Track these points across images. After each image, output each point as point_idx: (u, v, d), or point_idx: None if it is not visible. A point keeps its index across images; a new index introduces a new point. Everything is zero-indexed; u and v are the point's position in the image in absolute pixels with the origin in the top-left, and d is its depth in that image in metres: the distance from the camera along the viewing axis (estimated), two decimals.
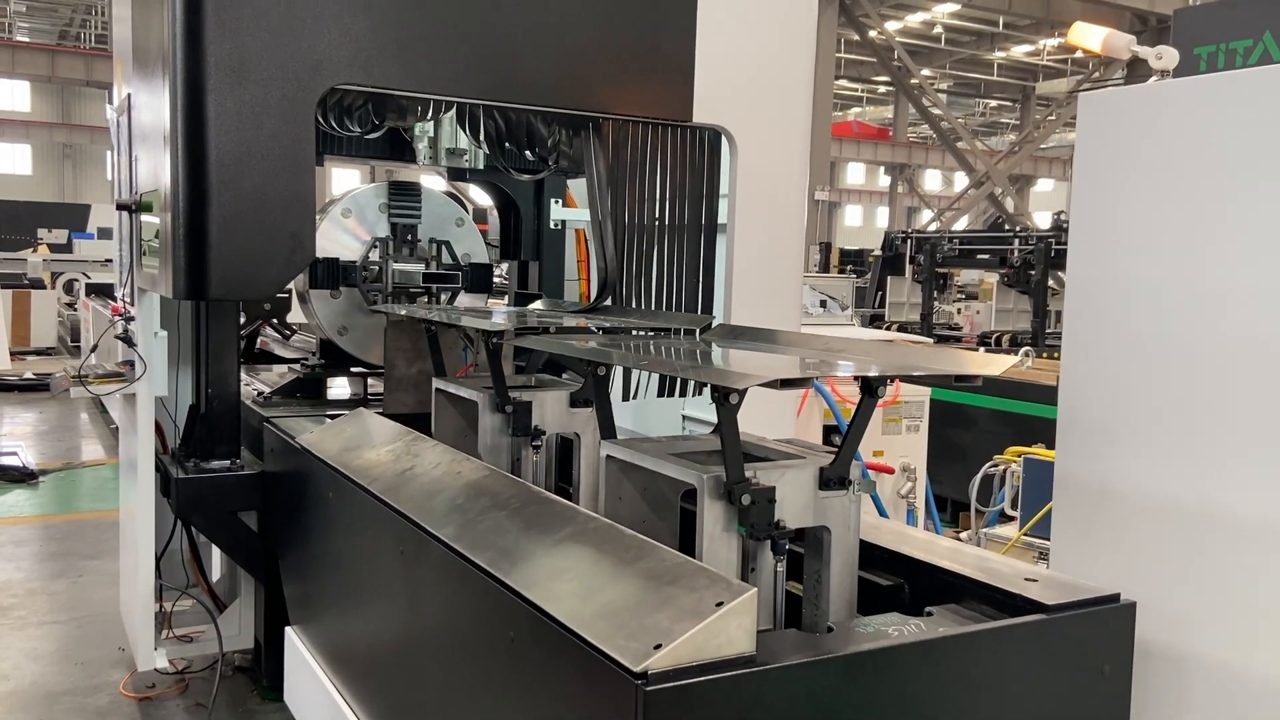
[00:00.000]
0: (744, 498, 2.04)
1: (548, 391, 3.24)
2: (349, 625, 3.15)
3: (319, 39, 3.14)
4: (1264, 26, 5.10)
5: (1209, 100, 2.39)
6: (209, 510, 3.86)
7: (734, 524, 2.07)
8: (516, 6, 3.39)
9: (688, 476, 2.12)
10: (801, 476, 2.14)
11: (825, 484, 2.16)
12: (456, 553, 2.28)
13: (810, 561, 2.21)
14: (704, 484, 2.05)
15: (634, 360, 2.65)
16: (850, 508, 2.20)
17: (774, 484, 2.08)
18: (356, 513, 2.96)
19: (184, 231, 3.06)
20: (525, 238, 4.80)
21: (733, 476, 2.05)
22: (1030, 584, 2.14)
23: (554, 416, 3.20)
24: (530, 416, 3.16)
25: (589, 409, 3.14)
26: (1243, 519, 2.31)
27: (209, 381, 3.84)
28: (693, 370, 2.41)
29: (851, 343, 2.70)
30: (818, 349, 2.73)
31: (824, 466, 2.17)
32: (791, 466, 2.15)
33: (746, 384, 2.05)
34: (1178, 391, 2.43)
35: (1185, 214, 2.42)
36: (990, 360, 2.39)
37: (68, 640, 5.02)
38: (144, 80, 3.60)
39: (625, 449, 2.36)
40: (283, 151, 3.11)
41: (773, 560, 2.14)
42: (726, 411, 2.09)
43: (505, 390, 3.17)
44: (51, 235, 24.47)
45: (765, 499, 2.06)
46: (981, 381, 2.20)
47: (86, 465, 9.04)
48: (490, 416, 3.18)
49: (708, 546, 2.06)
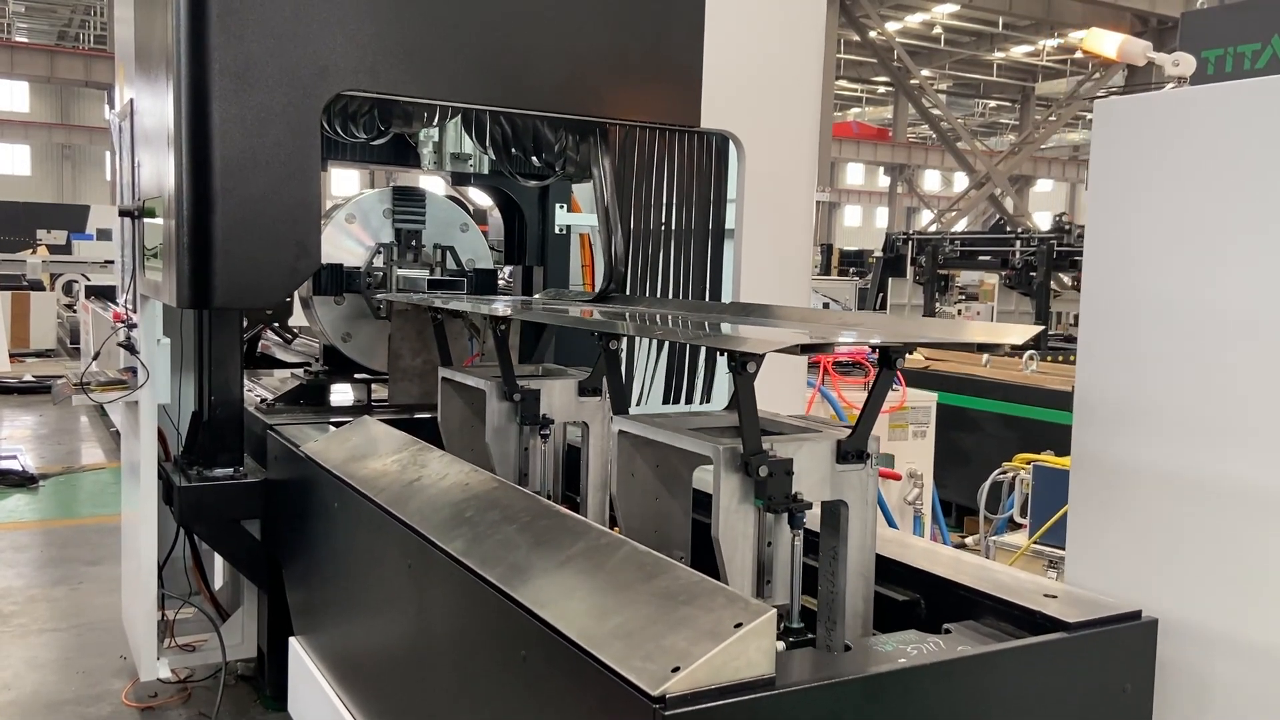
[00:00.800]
0: (761, 469, 1.99)
1: (555, 380, 3.19)
2: (354, 638, 3.12)
3: (325, 44, 3.11)
4: (1273, 30, 5.07)
5: (1231, 108, 2.36)
6: (212, 519, 3.83)
7: (750, 496, 2.02)
8: (523, 12, 3.35)
9: (703, 449, 2.08)
10: (819, 449, 2.10)
11: (843, 457, 2.12)
12: (466, 568, 2.25)
13: (827, 539, 2.16)
14: (720, 455, 2.01)
15: (644, 330, 2.60)
16: (869, 481, 2.16)
17: (791, 456, 2.03)
18: (362, 524, 2.93)
19: (188, 239, 3.03)
20: (530, 243, 4.77)
21: (750, 448, 2.00)
22: (1050, 600, 2.12)
23: (562, 405, 3.16)
24: (538, 405, 3.11)
25: (597, 398, 3.11)
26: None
27: (212, 388, 3.81)
28: (707, 338, 2.37)
29: (867, 317, 2.67)
30: (833, 323, 2.70)
31: (841, 440, 2.13)
32: (809, 439, 2.11)
33: (765, 349, 2.01)
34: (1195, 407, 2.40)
35: (1205, 224, 2.38)
36: (1009, 330, 2.33)
37: (69, 648, 4.99)
38: (147, 85, 3.57)
39: (638, 424, 2.31)
40: (288, 158, 3.08)
41: (790, 534, 2.10)
42: (744, 380, 2.04)
43: (513, 378, 3.13)
44: (50, 236, 24.43)
45: (783, 470, 2.01)
46: (1008, 349, 2.13)
47: (87, 469, 9.00)
48: (498, 405, 3.13)
49: (724, 520, 2.01)
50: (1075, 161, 45.29)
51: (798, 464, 2.03)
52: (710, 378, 3.79)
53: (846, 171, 47.77)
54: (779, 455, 2.02)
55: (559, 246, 4.86)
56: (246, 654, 4.32)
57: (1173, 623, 2.20)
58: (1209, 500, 2.37)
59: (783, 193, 3.91)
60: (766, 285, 3.89)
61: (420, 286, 4.32)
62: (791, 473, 2.02)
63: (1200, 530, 2.39)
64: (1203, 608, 2.36)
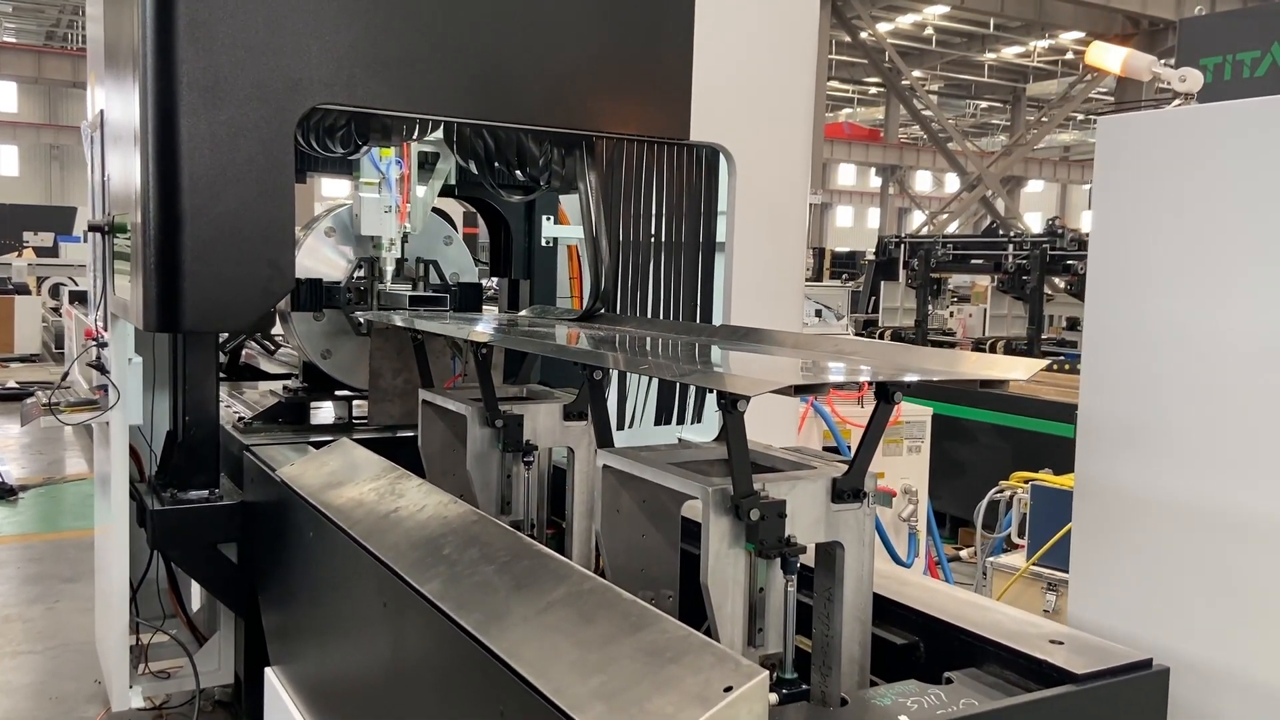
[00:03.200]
0: (752, 513, 1.89)
1: (539, 404, 3.08)
2: (330, 673, 3.00)
3: (299, 57, 2.99)
4: (1272, 38, 4.98)
5: (1239, 127, 2.26)
6: (187, 543, 3.70)
7: (741, 540, 1.92)
8: (507, 22, 3.24)
9: (691, 489, 1.98)
10: (813, 489, 2.01)
11: (838, 496, 2.02)
12: (442, 612, 2.14)
13: (822, 579, 2.07)
14: (709, 498, 1.90)
15: (631, 363, 2.49)
16: (865, 521, 2.06)
17: (784, 497, 1.93)
18: (338, 556, 2.82)
19: (155, 260, 2.90)
20: (516, 255, 4.66)
21: (740, 490, 1.90)
22: (1056, 647, 2.01)
23: (546, 430, 3.06)
24: (521, 430, 3.01)
25: (583, 422, 3.00)
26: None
27: (186, 409, 3.68)
28: (697, 376, 2.27)
29: (863, 344, 2.56)
30: (827, 350, 2.59)
31: (837, 478, 2.03)
32: (802, 478, 2.01)
33: (757, 390, 1.91)
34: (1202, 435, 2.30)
35: (1212, 247, 2.28)
36: (1014, 364, 2.22)
37: (42, 672, 4.86)
38: (116, 93, 3.44)
39: (623, 459, 2.20)
40: (260, 175, 2.96)
41: (783, 579, 1.99)
42: (734, 419, 1.94)
43: (495, 403, 3.02)
44: (37, 239, 24.24)
45: (775, 513, 1.91)
46: (1009, 386, 2.05)
47: (69, 480, 8.86)
48: (479, 431, 3.03)
49: (713, 565, 1.91)
50: (1066, 162, 45.33)
51: (791, 505, 1.93)
52: (701, 399, 3.68)
53: (838, 172, 47.74)
54: (771, 497, 1.91)
55: (546, 259, 4.75)
56: (224, 680, 4.19)
57: (1181, 661, 2.11)
58: (1218, 533, 2.27)
59: (775, 206, 3.81)
60: (759, 299, 3.80)
61: (402, 302, 4.20)
62: (784, 515, 1.92)
63: (1209, 564, 2.29)
64: (1212, 646, 2.26)
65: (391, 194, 4.04)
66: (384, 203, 4.04)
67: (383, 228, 4.09)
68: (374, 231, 4.10)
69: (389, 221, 4.08)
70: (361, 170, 4.00)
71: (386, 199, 4.05)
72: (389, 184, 4.03)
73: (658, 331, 3.25)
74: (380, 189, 4.04)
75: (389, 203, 4.05)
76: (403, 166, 4.04)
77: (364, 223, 4.07)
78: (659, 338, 3.08)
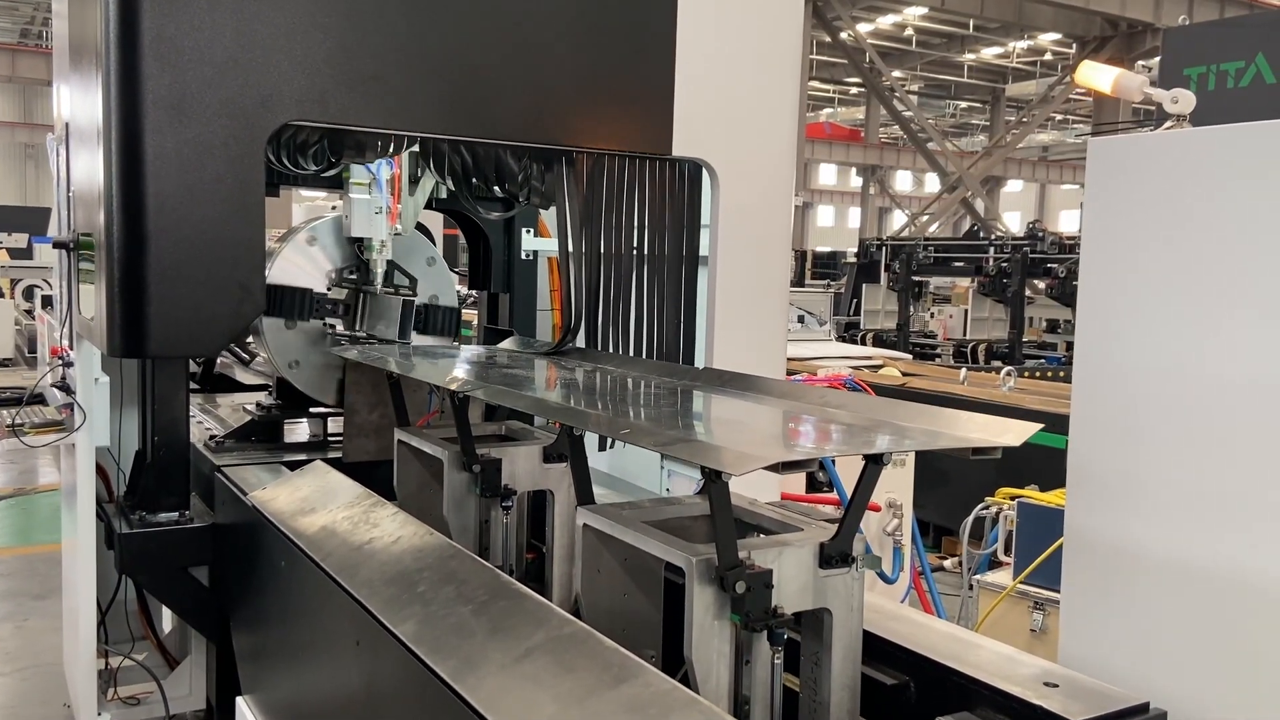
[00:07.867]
0: (738, 585, 1.84)
1: (519, 446, 3.02)
2: (302, 707, 2.92)
3: (270, 72, 2.89)
4: (1257, 48, 4.96)
5: (1233, 152, 2.20)
6: (156, 566, 3.60)
7: (726, 611, 1.87)
8: (484, 36, 3.15)
9: (675, 558, 1.92)
10: (800, 555, 1.96)
11: (826, 561, 1.97)
12: (416, 656, 2.06)
13: (809, 644, 2.02)
14: (693, 568, 1.85)
15: (612, 427, 2.43)
16: (854, 586, 2.02)
17: (770, 565, 1.88)
18: (310, 589, 2.73)
19: (118, 283, 2.80)
20: (495, 268, 4.57)
21: (725, 561, 1.85)
22: (1051, 690, 1.96)
23: (525, 473, 2.99)
24: (500, 475, 2.94)
25: (564, 464, 2.93)
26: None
27: (155, 429, 3.58)
28: (681, 447, 2.22)
29: (850, 398, 2.51)
30: (814, 402, 2.53)
31: (824, 542, 1.98)
32: (790, 543, 1.97)
33: (742, 468, 1.85)
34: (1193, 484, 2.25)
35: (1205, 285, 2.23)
36: (1007, 427, 2.18)
37: (10, 696, 4.74)
38: (81, 104, 3.33)
39: (604, 519, 2.15)
40: (229, 194, 2.86)
41: (769, 652, 1.94)
42: (718, 490, 1.89)
43: (472, 448, 2.95)
44: (11, 240, 23.86)
45: (761, 584, 1.87)
46: (1000, 454, 2.02)
47: (40, 491, 8.70)
48: (456, 475, 2.96)
49: (697, 637, 1.86)
50: (1045, 162, 45.56)
51: (778, 573, 1.88)
52: None
53: (819, 172, 47.81)
54: (758, 566, 1.86)
55: (526, 271, 4.66)
56: (195, 706, 4.09)
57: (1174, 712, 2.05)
58: (1208, 584, 2.22)
59: (759, 219, 3.74)
60: (743, 312, 3.73)
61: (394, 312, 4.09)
62: (771, 585, 1.87)
63: (1199, 616, 2.24)
64: (1205, 698, 2.21)
65: (382, 195, 3.97)
66: (374, 204, 3.97)
67: (373, 229, 4.01)
68: (364, 233, 4.02)
69: (380, 223, 4.01)
70: (351, 171, 3.92)
71: (377, 200, 3.98)
72: (379, 185, 3.96)
73: (638, 373, 3.19)
74: (370, 190, 3.96)
75: (380, 204, 3.98)
76: (394, 167, 3.97)
77: (354, 224, 3.99)
78: (640, 379, 3.03)
